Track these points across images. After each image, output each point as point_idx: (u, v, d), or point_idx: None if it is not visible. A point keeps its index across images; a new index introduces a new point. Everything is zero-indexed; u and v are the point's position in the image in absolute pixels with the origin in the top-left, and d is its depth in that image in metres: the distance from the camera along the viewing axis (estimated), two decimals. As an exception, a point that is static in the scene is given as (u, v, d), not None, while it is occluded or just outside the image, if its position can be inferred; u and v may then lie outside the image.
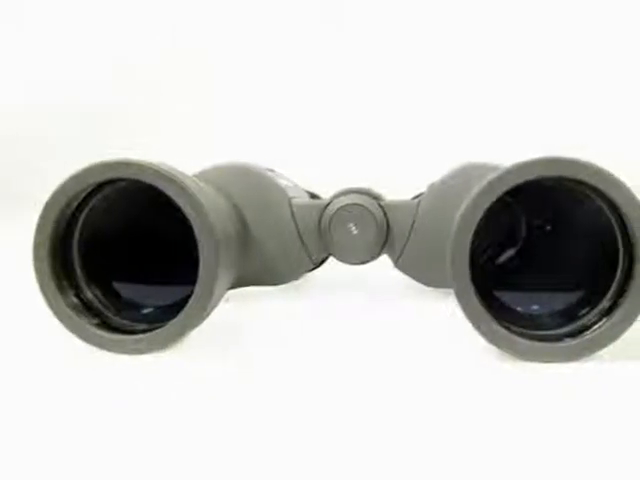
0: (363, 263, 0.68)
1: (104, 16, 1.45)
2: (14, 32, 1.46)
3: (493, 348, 0.52)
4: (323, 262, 0.75)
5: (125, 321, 0.57)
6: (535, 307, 0.58)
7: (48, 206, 0.54)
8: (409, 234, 0.67)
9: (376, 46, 1.40)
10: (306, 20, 1.42)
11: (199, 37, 1.44)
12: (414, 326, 0.62)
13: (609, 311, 0.52)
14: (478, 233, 0.51)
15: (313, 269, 0.74)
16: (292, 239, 0.67)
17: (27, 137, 1.42)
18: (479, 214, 0.51)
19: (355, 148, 1.32)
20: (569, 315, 0.55)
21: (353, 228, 0.65)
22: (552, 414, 0.44)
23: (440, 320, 0.61)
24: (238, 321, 0.63)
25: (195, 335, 0.55)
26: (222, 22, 1.43)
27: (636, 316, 0.50)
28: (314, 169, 0.98)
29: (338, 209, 0.65)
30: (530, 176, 0.50)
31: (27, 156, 1.38)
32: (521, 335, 0.52)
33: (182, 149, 1.22)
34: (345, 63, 1.40)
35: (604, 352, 0.51)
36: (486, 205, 0.50)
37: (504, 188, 0.50)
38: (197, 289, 0.53)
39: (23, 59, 1.46)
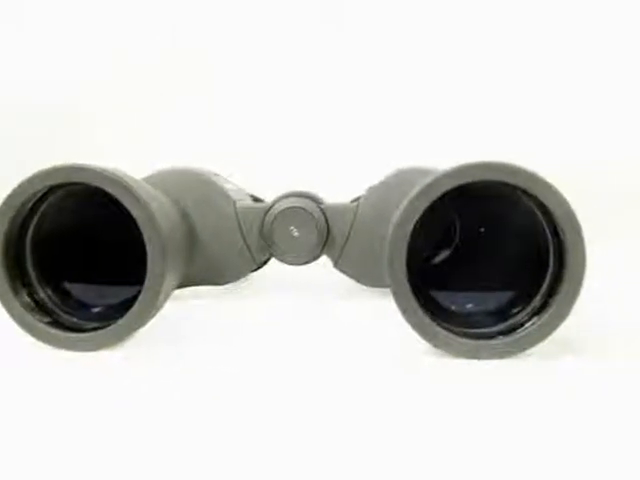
0: (304, 264, 0.70)
1: (103, 16, 1.43)
2: (13, 32, 1.44)
3: (428, 345, 0.53)
4: (265, 263, 0.76)
5: (76, 319, 0.59)
6: (469, 306, 0.60)
7: (2, 208, 0.55)
8: (348, 236, 0.69)
9: (325, 49, 1.41)
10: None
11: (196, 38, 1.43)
12: (352, 325, 0.64)
13: (540, 310, 0.54)
14: (414, 234, 0.52)
15: (256, 269, 0.76)
16: (236, 241, 0.69)
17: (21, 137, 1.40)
18: (415, 216, 0.52)
19: (297, 152, 1.33)
20: (502, 314, 0.56)
21: (294, 230, 0.67)
22: (482, 410, 0.45)
23: (378, 318, 0.62)
24: (184, 319, 0.65)
25: (143, 333, 0.57)
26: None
27: (566, 315, 0.52)
28: (258, 172, 0.99)
29: (280, 212, 0.67)
30: (464, 180, 0.52)
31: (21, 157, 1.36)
32: (455, 333, 0.54)
33: (177, 149, 1.23)
34: (293, 66, 1.41)
35: (535, 350, 0.53)
36: (422, 207, 0.52)
37: (439, 191, 0.52)
38: (144, 289, 0.54)
39: (19, 58, 1.44)
